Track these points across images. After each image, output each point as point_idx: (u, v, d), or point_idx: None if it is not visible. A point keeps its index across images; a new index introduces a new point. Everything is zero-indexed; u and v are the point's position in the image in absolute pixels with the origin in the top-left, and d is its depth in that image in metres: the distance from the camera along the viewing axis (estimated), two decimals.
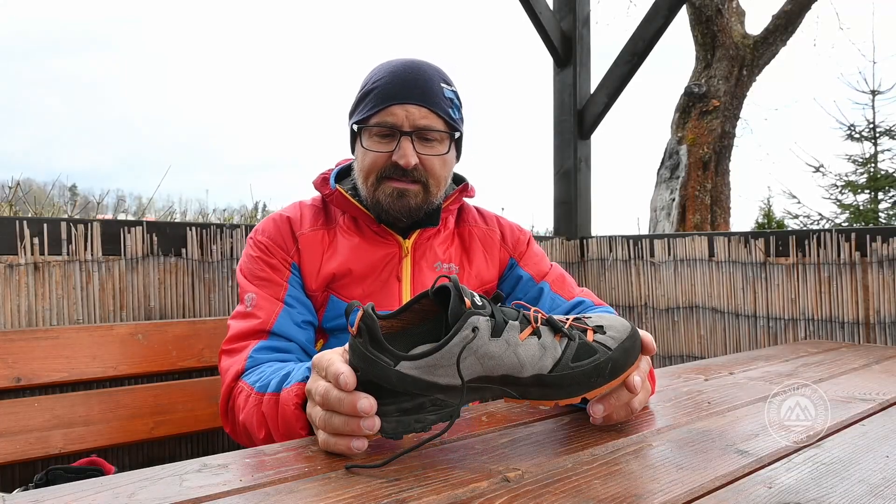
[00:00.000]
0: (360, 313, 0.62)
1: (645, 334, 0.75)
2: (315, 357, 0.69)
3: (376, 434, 0.63)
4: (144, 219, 2.07)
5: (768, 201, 7.37)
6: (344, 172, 1.17)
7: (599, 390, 0.69)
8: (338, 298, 1.08)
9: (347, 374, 0.61)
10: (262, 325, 1.00)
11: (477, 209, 1.25)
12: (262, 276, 1.06)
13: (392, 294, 1.08)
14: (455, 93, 1.09)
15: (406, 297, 1.09)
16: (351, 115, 1.10)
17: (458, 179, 1.20)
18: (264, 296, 1.03)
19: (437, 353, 0.61)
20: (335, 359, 0.65)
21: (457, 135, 1.09)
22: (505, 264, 1.20)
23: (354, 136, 1.09)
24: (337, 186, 1.10)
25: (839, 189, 6.95)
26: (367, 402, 0.61)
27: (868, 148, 6.93)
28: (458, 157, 1.14)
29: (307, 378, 0.76)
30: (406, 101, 1.02)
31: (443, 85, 1.06)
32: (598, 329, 0.72)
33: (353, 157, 1.13)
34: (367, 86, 1.07)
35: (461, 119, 1.11)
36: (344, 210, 1.12)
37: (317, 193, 1.17)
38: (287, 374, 0.83)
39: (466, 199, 1.22)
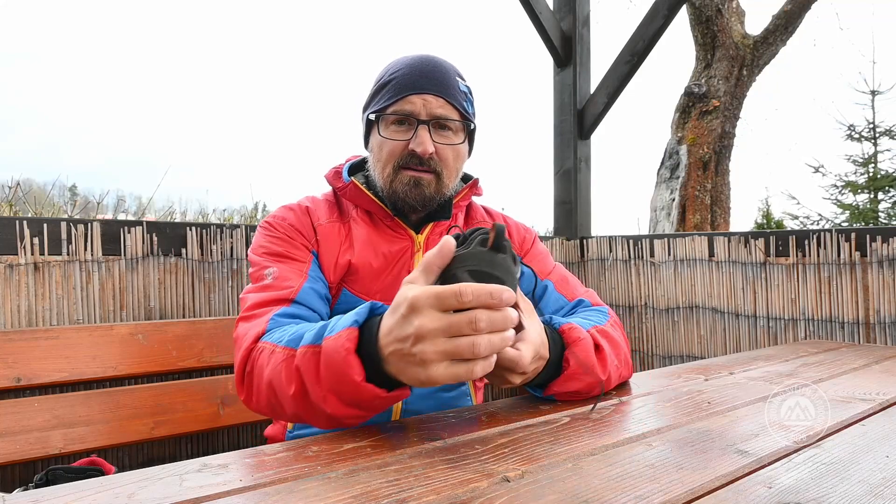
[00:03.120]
0: (493, 232, 0.66)
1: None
2: (414, 293, 0.64)
3: None
4: (144, 219, 2.07)
5: (766, 201, 7.38)
6: (354, 168, 1.18)
7: None
8: (349, 292, 1.08)
9: (511, 291, 0.64)
10: (285, 294, 0.96)
11: (484, 208, 1.27)
12: (283, 254, 1.03)
13: None
14: (469, 88, 1.12)
15: None
16: (366, 107, 1.11)
17: (466, 177, 1.21)
18: (286, 268, 1.00)
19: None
20: (472, 284, 0.63)
21: (471, 126, 1.10)
22: None
23: (369, 129, 1.11)
24: (352, 179, 1.11)
25: (839, 189, 6.96)
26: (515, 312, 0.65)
27: (868, 148, 6.94)
28: (469, 152, 1.16)
29: (356, 323, 0.71)
30: (423, 90, 1.04)
31: (458, 79, 1.09)
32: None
33: (367, 152, 1.14)
34: (384, 77, 1.08)
35: (474, 114, 1.13)
36: (357, 203, 1.12)
37: (327, 188, 1.17)
38: (324, 327, 0.75)
39: (475, 198, 1.24)
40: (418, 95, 1.04)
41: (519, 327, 0.71)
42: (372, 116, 1.08)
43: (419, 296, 0.64)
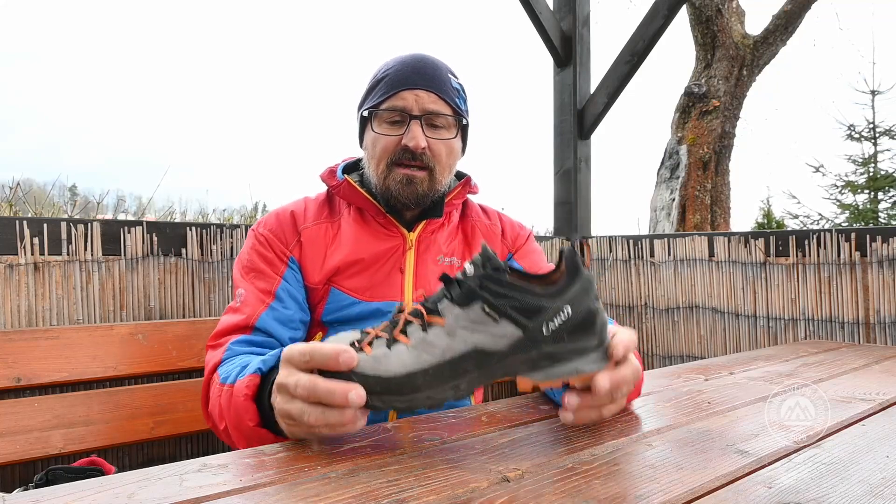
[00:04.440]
0: (584, 253, 0.65)
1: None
2: (287, 350, 0.66)
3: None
4: (144, 219, 2.07)
5: (768, 201, 7.38)
6: (349, 168, 1.19)
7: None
8: (338, 290, 1.08)
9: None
10: (245, 320, 1.01)
11: (481, 206, 1.28)
12: (255, 269, 1.07)
13: (394, 285, 1.09)
14: (461, 85, 1.13)
15: (408, 289, 1.10)
16: (361, 105, 1.13)
17: (459, 175, 1.21)
18: (253, 290, 1.05)
19: None
20: (321, 347, 0.63)
21: (464, 121, 1.11)
22: (504, 259, 1.22)
23: (364, 126, 1.12)
24: (345, 177, 1.12)
25: (839, 189, 6.96)
26: (356, 393, 0.60)
27: (868, 148, 6.94)
28: (463, 150, 1.16)
29: (259, 370, 0.79)
30: (416, 86, 1.05)
31: (450, 76, 1.10)
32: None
33: (362, 151, 1.15)
34: (377, 75, 1.10)
35: (467, 111, 1.14)
36: (351, 201, 1.13)
37: (322, 189, 1.18)
38: (243, 367, 0.85)
39: (470, 196, 1.24)
40: (410, 91, 1.05)
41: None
42: (365, 113, 1.10)
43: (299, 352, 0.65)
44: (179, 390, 1.41)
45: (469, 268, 0.65)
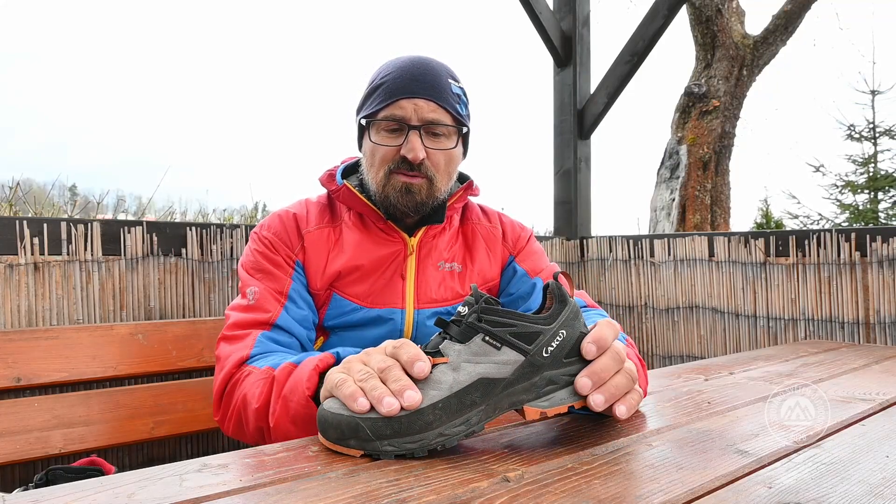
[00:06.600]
0: (564, 284, 0.69)
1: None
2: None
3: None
4: (144, 219, 2.07)
5: (766, 201, 7.39)
6: (349, 170, 1.17)
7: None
8: (340, 296, 1.07)
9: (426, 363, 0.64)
10: (265, 318, 1.00)
11: (480, 207, 1.26)
12: (265, 270, 1.06)
13: (396, 292, 1.08)
14: (462, 89, 1.10)
15: (409, 295, 1.09)
16: (358, 110, 1.10)
17: (462, 178, 1.20)
18: (267, 289, 1.03)
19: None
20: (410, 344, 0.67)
21: (464, 130, 1.09)
22: (505, 261, 1.21)
23: (362, 132, 1.10)
24: (344, 182, 1.10)
25: (839, 189, 6.97)
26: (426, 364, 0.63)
27: (868, 148, 6.95)
28: (464, 154, 1.14)
29: (337, 354, 0.79)
30: (415, 95, 1.02)
31: (450, 81, 1.07)
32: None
33: (360, 154, 1.14)
34: (375, 81, 1.07)
35: (468, 116, 1.11)
36: (350, 206, 1.12)
37: (322, 191, 1.17)
38: (309, 353, 0.84)
39: (471, 198, 1.22)
40: (409, 100, 1.02)
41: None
42: (363, 121, 1.07)
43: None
44: (179, 390, 1.41)
45: (463, 309, 0.68)
